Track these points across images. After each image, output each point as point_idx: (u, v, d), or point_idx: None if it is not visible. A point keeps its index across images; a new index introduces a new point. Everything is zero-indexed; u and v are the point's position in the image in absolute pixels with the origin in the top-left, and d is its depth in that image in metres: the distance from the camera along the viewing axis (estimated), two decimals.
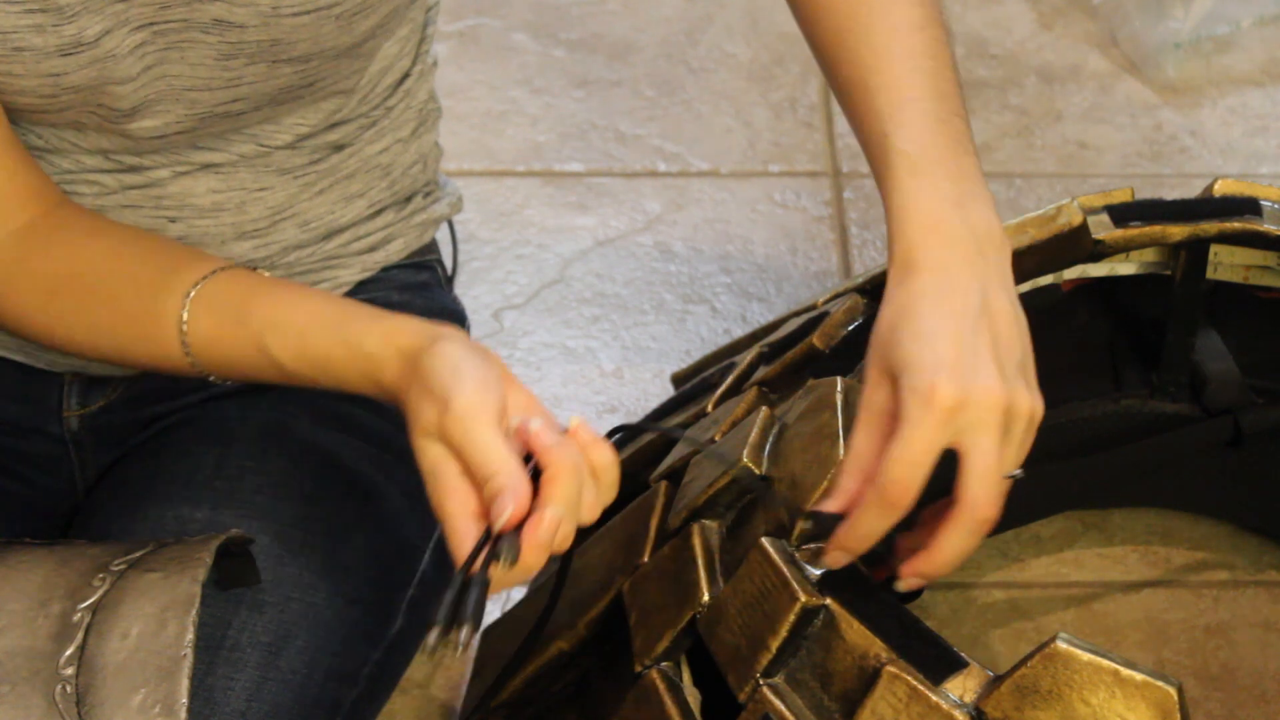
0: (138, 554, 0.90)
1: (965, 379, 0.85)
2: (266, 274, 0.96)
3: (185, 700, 0.82)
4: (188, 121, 0.96)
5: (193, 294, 0.93)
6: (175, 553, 0.90)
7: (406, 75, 1.09)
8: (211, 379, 0.95)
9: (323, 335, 0.91)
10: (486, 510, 0.82)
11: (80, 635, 0.85)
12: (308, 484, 1.03)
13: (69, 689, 0.83)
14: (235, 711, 0.94)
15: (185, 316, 0.93)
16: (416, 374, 0.85)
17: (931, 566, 0.89)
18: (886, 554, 0.93)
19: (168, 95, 0.94)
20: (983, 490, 0.87)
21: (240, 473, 1.03)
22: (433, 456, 0.84)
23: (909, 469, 0.85)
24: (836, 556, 0.89)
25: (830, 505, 0.88)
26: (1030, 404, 0.88)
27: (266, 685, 0.96)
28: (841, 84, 0.99)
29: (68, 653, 0.85)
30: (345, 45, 0.96)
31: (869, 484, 0.87)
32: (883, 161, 0.95)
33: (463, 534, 0.82)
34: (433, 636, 0.79)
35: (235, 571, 0.96)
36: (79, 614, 0.86)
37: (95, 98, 0.93)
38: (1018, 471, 0.89)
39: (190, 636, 0.84)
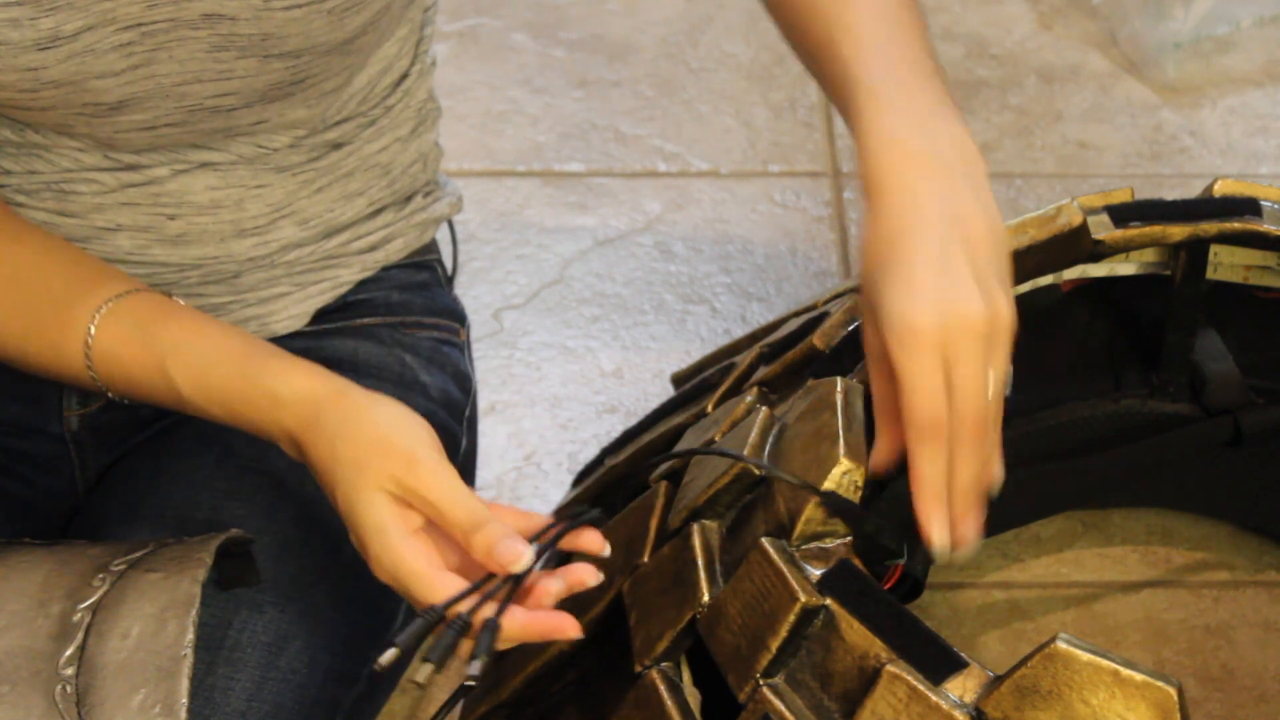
0: (138, 554, 0.90)
1: (942, 306, 0.85)
2: (182, 302, 0.96)
3: (185, 700, 0.82)
4: (177, 114, 0.96)
5: (104, 309, 0.94)
6: (175, 553, 0.90)
7: (405, 75, 1.09)
8: (110, 395, 0.96)
9: (224, 367, 0.91)
10: (467, 561, 0.85)
11: (80, 635, 0.85)
12: (308, 484, 1.03)
13: (69, 689, 0.83)
14: (236, 711, 0.94)
15: (92, 330, 0.93)
16: (355, 424, 0.87)
17: (916, 487, 0.89)
18: (905, 556, 0.93)
19: (156, 92, 0.94)
20: (968, 408, 0.87)
21: (240, 472, 1.03)
22: (382, 512, 0.85)
23: (929, 409, 0.86)
24: (926, 511, 0.88)
25: (879, 455, 0.90)
26: (1008, 312, 0.87)
27: (267, 685, 0.96)
28: (810, 48, 0.99)
29: (68, 653, 0.85)
30: (336, 41, 0.96)
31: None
32: (848, 100, 0.94)
33: (444, 584, 0.84)
34: (386, 657, 0.81)
35: (235, 571, 0.96)
36: (79, 614, 0.86)
37: (78, 96, 0.93)
38: (1007, 389, 0.88)
39: (190, 637, 0.84)
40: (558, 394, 1.44)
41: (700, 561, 0.95)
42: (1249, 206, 1.12)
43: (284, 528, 1.01)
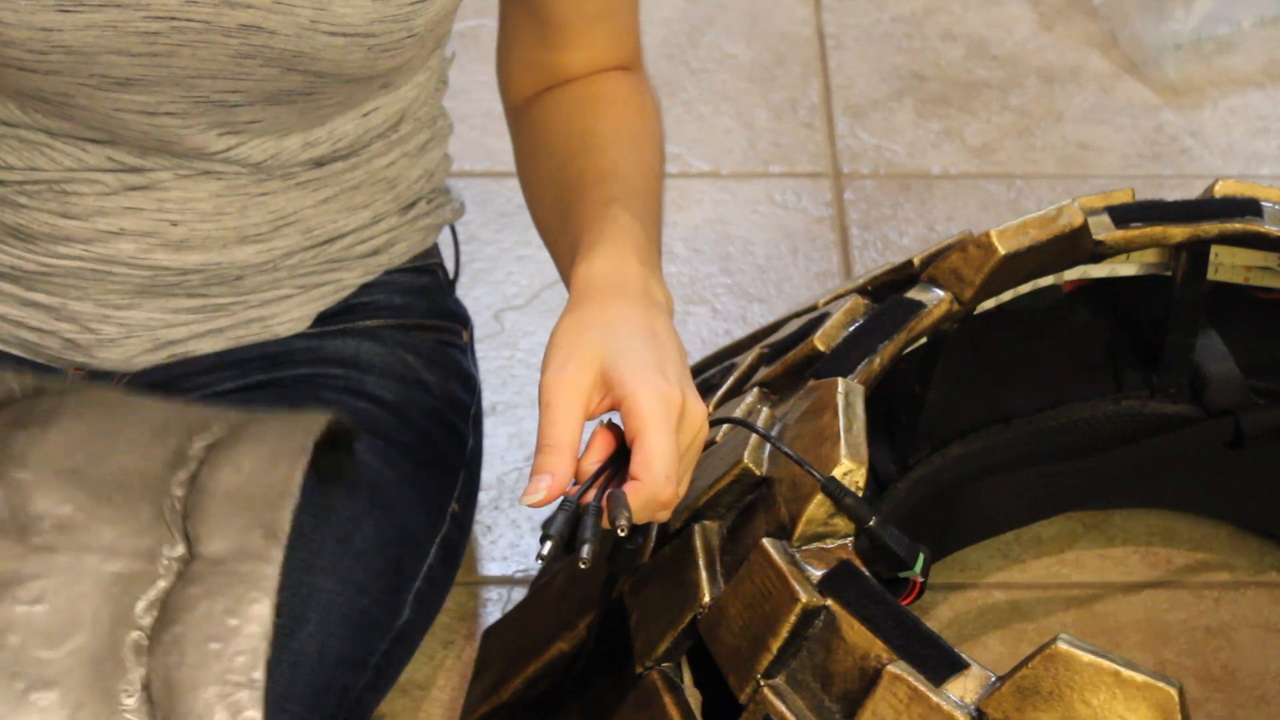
0: (253, 414, 0.94)
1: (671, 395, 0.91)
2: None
3: (287, 529, 0.84)
4: (181, 104, 0.96)
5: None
6: (290, 416, 0.94)
7: (424, 107, 1.10)
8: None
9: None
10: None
11: (194, 465, 0.88)
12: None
13: (177, 505, 0.85)
14: None
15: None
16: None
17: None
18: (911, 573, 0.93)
19: (167, 79, 0.94)
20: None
21: None
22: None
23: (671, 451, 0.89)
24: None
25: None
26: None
27: (279, 668, 0.96)
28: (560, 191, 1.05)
29: (180, 477, 0.87)
30: (362, 75, 0.97)
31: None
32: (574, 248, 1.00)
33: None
34: (547, 548, 0.84)
35: (334, 463, 0.98)
36: (195, 449, 0.89)
37: (87, 67, 0.93)
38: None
39: (299, 479, 0.86)
40: None
41: (701, 562, 0.95)
42: (1250, 207, 1.13)
43: (295, 515, 1.01)
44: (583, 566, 0.84)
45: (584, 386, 0.88)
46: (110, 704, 0.77)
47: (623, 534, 0.84)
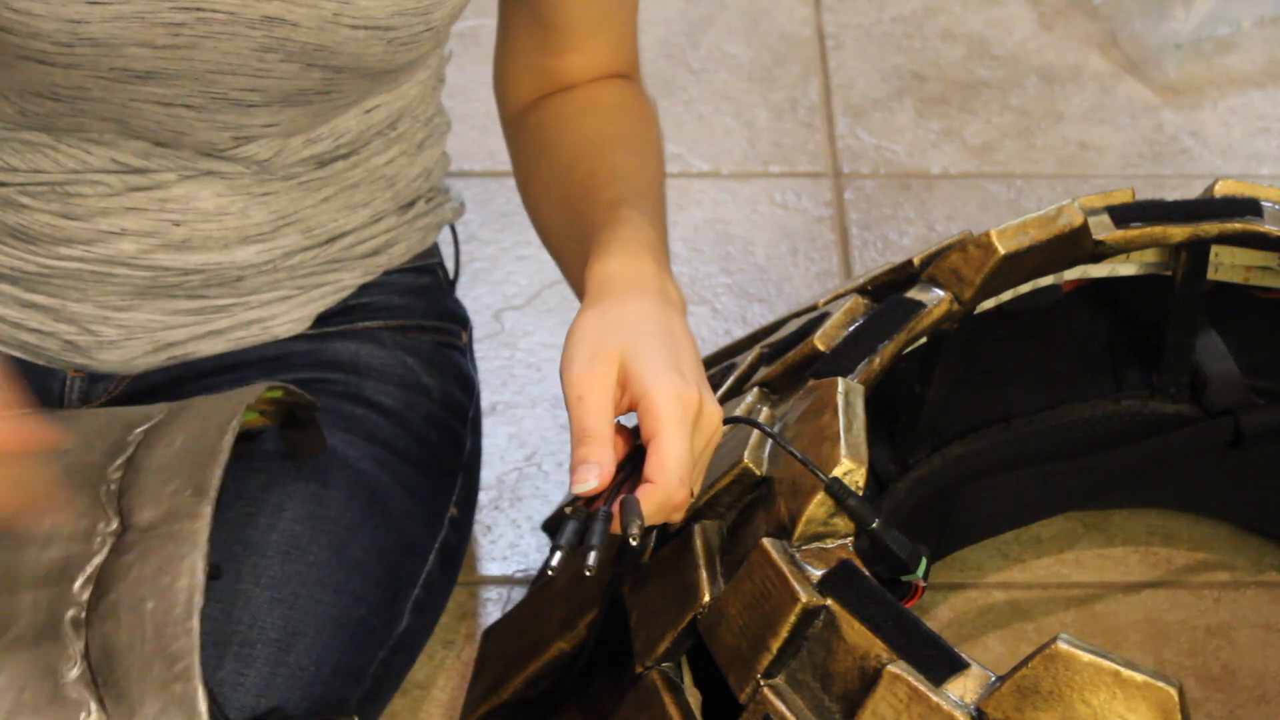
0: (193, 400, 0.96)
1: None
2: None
3: (217, 485, 0.84)
4: (199, 99, 0.97)
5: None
6: (229, 392, 0.95)
7: (422, 104, 1.10)
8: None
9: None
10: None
11: (132, 449, 0.89)
12: (313, 482, 1.04)
13: (113, 488, 0.86)
14: (246, 706, 0.94)
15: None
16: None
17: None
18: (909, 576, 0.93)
19: (187, 73, 0.95)
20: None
21: (247, 471, 1.03)
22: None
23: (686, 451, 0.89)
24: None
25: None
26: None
27: (276, 681, 0.96)
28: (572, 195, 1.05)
29: (118, 462, 0.88)
30: (379, 70, 0.97)
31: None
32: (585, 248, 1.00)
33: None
34: (556, 560, 0.84)
35: (303, 441, 0.99)
36: (134, 435, 0.90)
37: (109, 59, 0.93)
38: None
39: (229, 440, 0.86)
40: (559, 395, 1.43)
41: (701, 562, 0.95)
42: (1250, 207, 1.13)
43: (291, 525, 1.01)
44: (588, 574, 0.83)
45: (612, 381, 0.88)
46: (52, 679, 0.79)
47: (634, 542, 0.84)
